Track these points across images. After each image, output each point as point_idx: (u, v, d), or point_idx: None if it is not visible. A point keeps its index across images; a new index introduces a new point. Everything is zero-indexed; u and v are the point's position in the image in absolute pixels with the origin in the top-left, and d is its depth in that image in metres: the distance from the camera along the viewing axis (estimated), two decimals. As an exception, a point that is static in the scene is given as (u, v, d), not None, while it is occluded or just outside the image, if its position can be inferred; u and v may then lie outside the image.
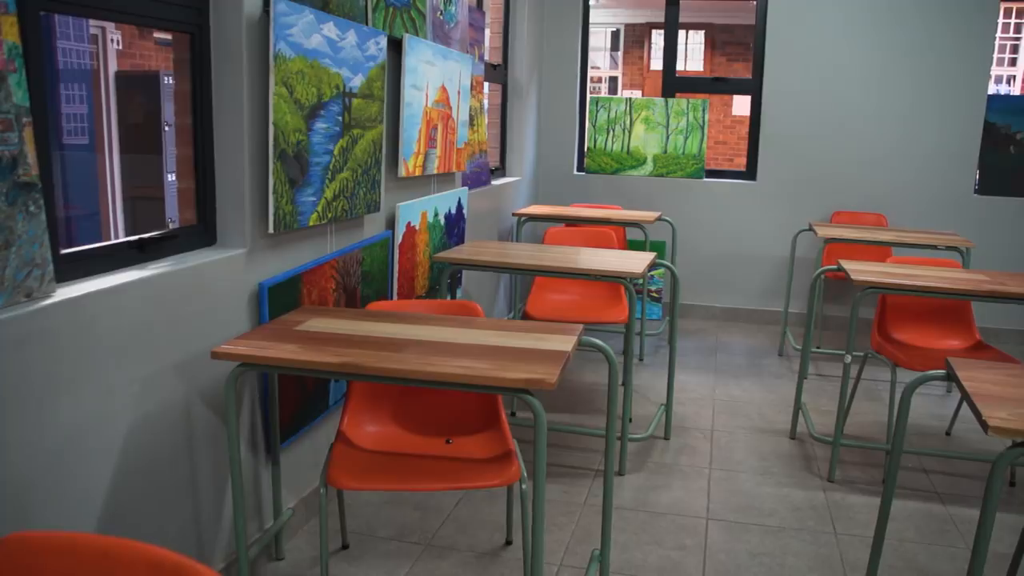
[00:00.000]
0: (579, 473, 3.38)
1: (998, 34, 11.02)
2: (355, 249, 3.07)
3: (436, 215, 3.91)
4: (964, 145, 5.56)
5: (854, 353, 3.38)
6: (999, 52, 11.27)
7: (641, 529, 2.95)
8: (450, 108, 3.91)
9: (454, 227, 4.17)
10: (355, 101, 2.91)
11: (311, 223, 2.68)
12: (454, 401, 2.58)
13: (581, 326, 2.31)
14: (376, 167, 3.13)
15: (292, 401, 2.72)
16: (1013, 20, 11.31)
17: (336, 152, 2.81)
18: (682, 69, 13.70)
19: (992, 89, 10.79)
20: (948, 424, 4.02)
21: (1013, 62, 11.53)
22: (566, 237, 4.56)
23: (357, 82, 2.91)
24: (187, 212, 2.42)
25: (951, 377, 2.01)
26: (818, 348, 5.19)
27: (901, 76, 5.52)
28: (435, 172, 3.78)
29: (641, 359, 4.90)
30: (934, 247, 4.43)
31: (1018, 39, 11.38)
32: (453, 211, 4.15)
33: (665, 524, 2.99)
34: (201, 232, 2.38)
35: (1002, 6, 5.61)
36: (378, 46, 3.05)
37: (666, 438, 3.75)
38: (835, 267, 3.50)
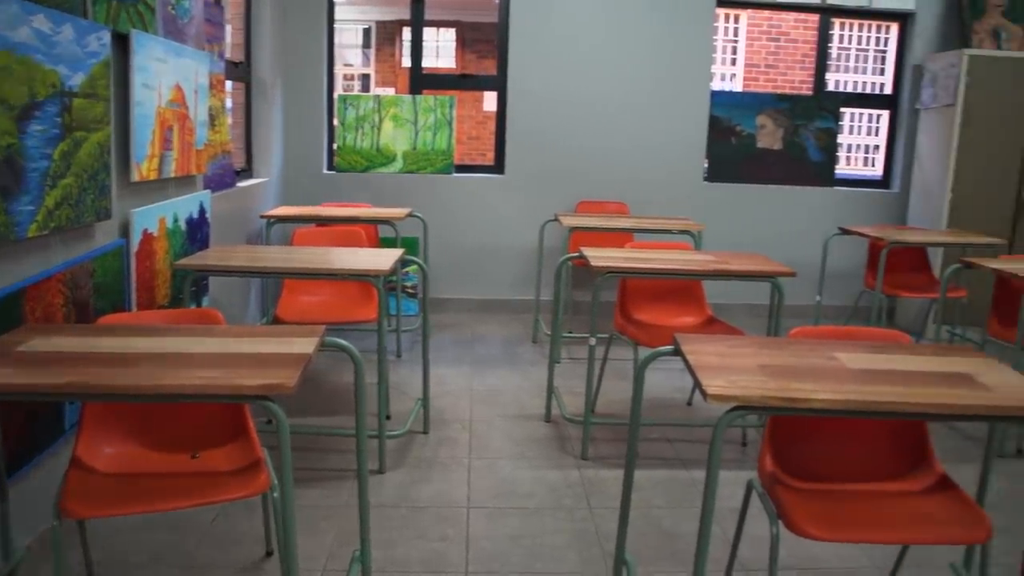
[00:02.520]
0: (340, 475, 3.34)
1: (721, 36, 11.97)
2: (85, 260, 2.88)
3: (176, 220, 3.73)
4: (693, 137, 6.00)
5: (599, 335, 3.56)
6: (723, 52, 12.20)
7: (404, 525, 2.96)
8: (186, 108, 3.74)
9: (197, 232, 4.00)
10: (76, 101, 2.72)
11: (31, 234, 2.48)
12: (197, 414, 2.47)
13: (323, 327, 2.28)
14: (105, 171, 2.94)
15: (17, 429, 2.50)
16: (732, 24, 12.25)
17: (56, 156, 2.61)
18: (433, 66, 13.83)
19: (718, 86, 11.66)
20: (689, 395, 4.32)
21: (734, 62, 12.48)
22: (316, 238, 4.48)
23: (77, 80, 2.72)
24: None
25: (678, 352, 2.16)
26: (570, 333, 5.41)
27: (637, 74, 5.88)
28: (173, 175, 3.60)
29: (399, 355, 4.91)
30: (669, 231, 4.74)
31: (736, 41, 12.35)
32: (195, 215, 3.97)
33: (427, 517, 3.02)
34: None
35: (719, 12, 6.10)
36: (100, 42, 2.86)
37: (425, 432, 3.78)
38: (577, 255, 3.66)
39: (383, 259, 3.39)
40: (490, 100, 14.16)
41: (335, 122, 6.02)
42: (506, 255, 6.05)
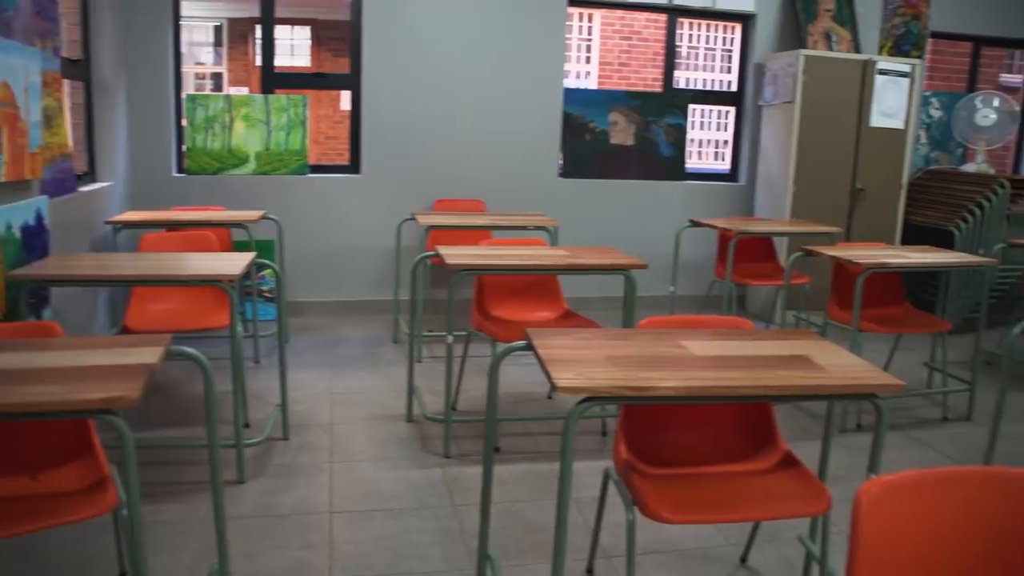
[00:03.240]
0: (199, 488, 3.22)
1: (576, 35, 12.17)
2: (-99, 271, 2.67)
3: (10, 228, 3.50)
4: (548, 134, 6.08)
5: (456, 333, 3.55)
6: (577, 51, 12.40)
7: (265, 535, 2.88)
8: (16, 108, 3.52)
9: (35, 240, 3.77)
10: None
11: None
12: (36, 432, 2.33)
13: (170, 336, 2.19)
14: (-80, 176, 2.74)
15: None
16: (587, 23, 12.47)
17: None
18: (289, 64, 13.54)
19: (574, 84, 11.85)
20: (549, 389, 4.37)
21: (588, 60, 12.71)
22: (165, 243, 4.31)
23: None
24: None
25: (530, 346, 2.17)
26: (430, 332, 5.39)
27: (491, 72, 5.91)
28: (3, 180, 3.39)
29: (257, 361, 4.79)
30: (525, 228, 4.78)
31: (591, 40, 12.59)
32: (32, 223, 3.75)
33: (289, 525, 2.95)
34: None
35: (573, 11, 6.19)
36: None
37: (285, 438, 3.69)
38: (433, 253, 3.65)
39: (234, 263, 3.28)
40: (347, 99, 13.98)
41: (184, 123, 5.80)
42: (364, 256, 5.98)
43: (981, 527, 1.48)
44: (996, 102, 6.83)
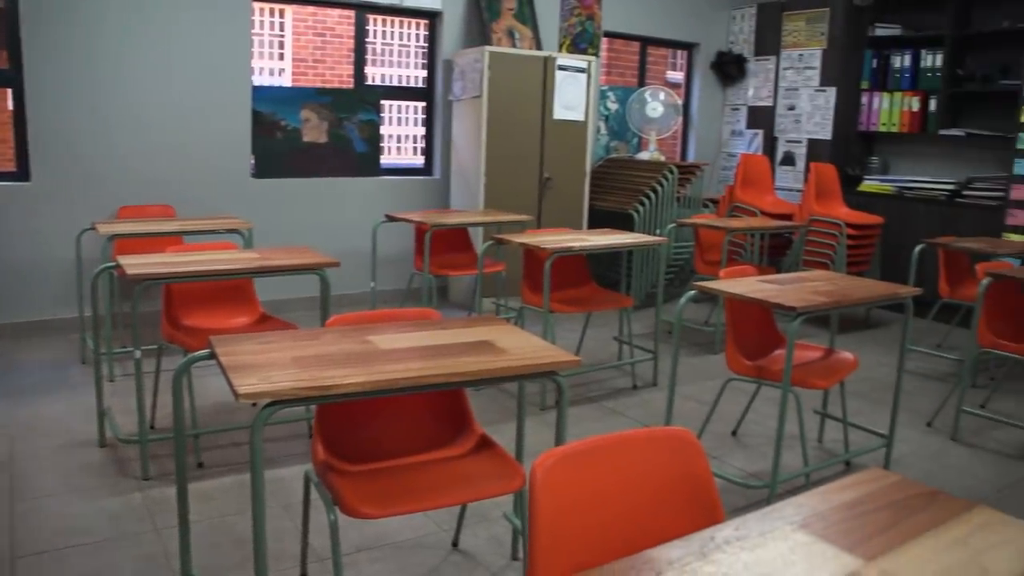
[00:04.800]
0: None
1: (267, 31, 11.85)
2: None
3: None
4: (237, 133, 5.88)
5: (147, 347, 3.37)
6: (270, 47, 12.09)
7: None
8: None
9: None
10: None
11: None
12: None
13: None
14: None
15: None
16: (278, 19, 12.19)
17: None
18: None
19: (268, 81, 11.56)
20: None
21: (282, 56, 12.44)
22: None
23: None
24: None
25: (213, 355, 2.11)
26: (123, 348, 5.06)
27: (173, 70, 5.60)
28: None
29: (-84, 398, 4.27)
30: (216, 231, 4.61)
31: (283, 36, 12.32)
32: None
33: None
34: None
35: (261, 6, 6.01)
36: None
37: (-48, 482, 3.33)
38: (114, 264, 3.43)
39: None
40: (9, 97, 12.74)
41: None
42: (42, 271, 5.47)
43: (647, 484, 1.62)
44: (662, 96, 7.48)
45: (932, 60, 7.01)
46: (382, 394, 1.95)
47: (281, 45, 12.35)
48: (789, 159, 7.89)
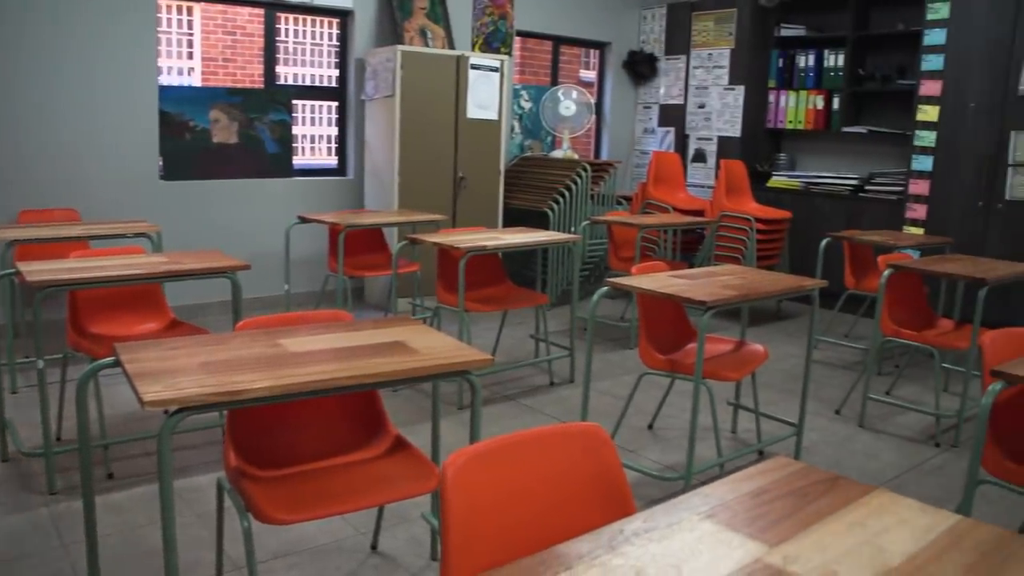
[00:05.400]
0: None
1: (175, 29, 11.57)
2: None
3: None
4: (144, 134, 5.72)
5: (52, 356, 3.26)
6: (178, 46, 11.82)
7: None
8: None
9: None
10: None
11: None
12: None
13: None
14: None
15: None
16: (186, 17, 11.92)
17: None
18: None
19: (176, 81, 11.30)
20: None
21: (191, 55, 12.17)
22: None
23: None
24: None
25: (119, 362, 2.06)
26: (27, 358, 4.88)
27: (75, 69, 5.42)
28: None
29: None
30: (123, 235, 4.48)
31: (192, 34, 12.06)
32: None
33: None
34: None
35: (167, 3, 5.87)
36: None
37: None
38: (14, 271, 3.31)
39: None
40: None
41: None
42: (-62, 280, 5.26)
43: (559, 480, 1.64)
44: (575, 94, 7.54)
45: (835, 60, 7.23)
46: (292, 398, 1.93)
47: (190, 44, 12.08)
48: (700, 156, 8.04)
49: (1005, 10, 5.81)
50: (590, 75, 9.04)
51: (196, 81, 11.70)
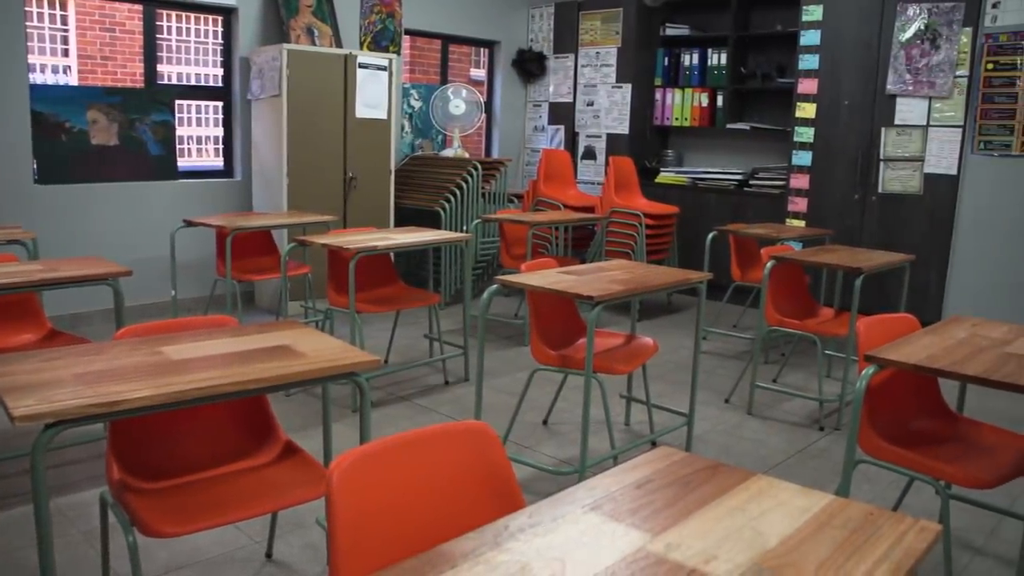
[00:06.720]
0: None
1: (47, 25, 11.11)
2: None
3: None
4: (16, 136, 5.47)
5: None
6: (52, 43, 11.35)
7: None
8: None
9: None
10: None
11: None
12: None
13: None
14: None
15: None
16: (59, 12, 11.45)
17: None
18: None
19: (51, 80, 10.86)
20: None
21: (67, 53, 11.71)
22: None
23: None
24: None
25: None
26: None
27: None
28: None
29: None
30: (-5, 244, 4.29)
31: (67, 31, 11.60)
32: None
33: None
34: None
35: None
36: None
37: None
38: None
39: None
40: None
41: None
42: None
43: (448, 479, 1.64)
44: (464, 93, 7.55)
45: (718, 59, 7.43)
46: (175, 407, 1.88)
47: (65, 40, 11.61)
48: (590, 153, 8.16)
49: (871, 13, 6.09)
50: (480, 73, 9.07)
51: (73, 80, 11.27)
